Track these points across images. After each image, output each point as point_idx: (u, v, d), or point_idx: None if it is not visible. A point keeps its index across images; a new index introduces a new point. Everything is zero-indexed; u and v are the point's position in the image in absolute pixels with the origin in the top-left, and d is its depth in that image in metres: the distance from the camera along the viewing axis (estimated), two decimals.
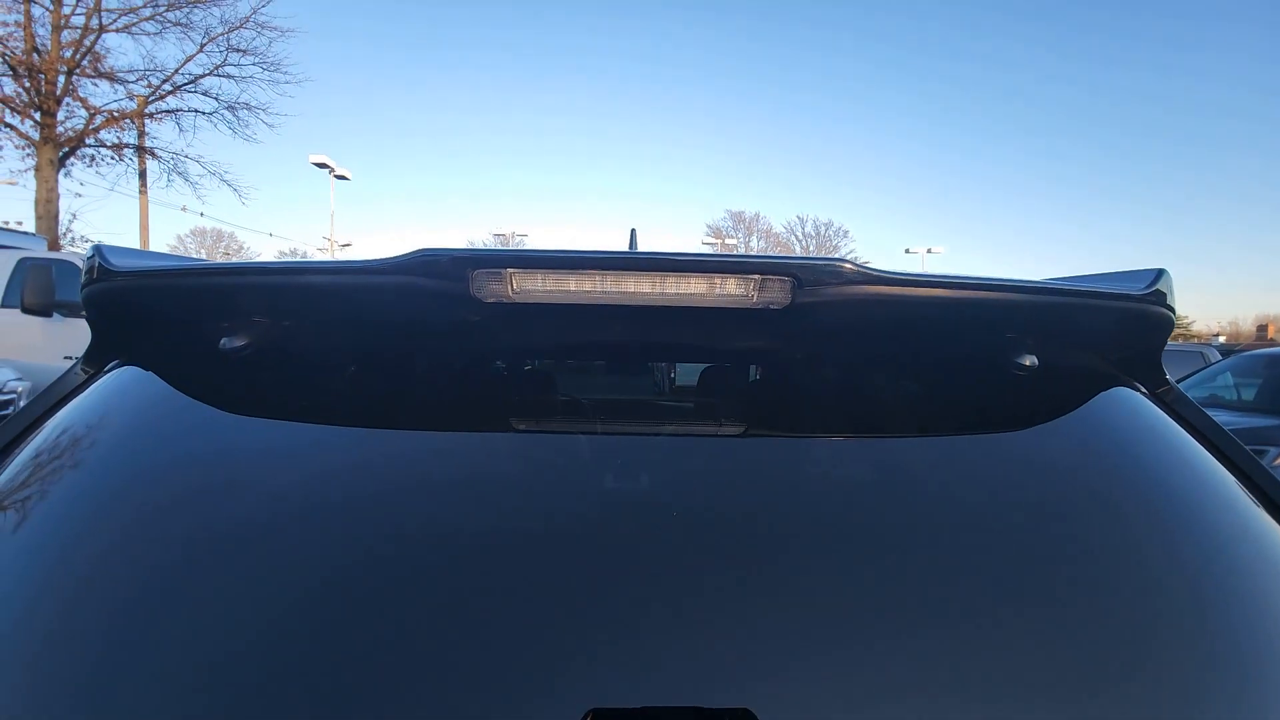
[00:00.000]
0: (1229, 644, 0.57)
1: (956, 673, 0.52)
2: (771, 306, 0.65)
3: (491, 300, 0.65)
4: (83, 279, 0.78)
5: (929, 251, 46.60)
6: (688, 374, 0.82)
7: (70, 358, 6.65)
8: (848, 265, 0.65)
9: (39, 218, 12.69)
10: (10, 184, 14.97)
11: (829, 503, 0.67)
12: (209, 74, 13.97)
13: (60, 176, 13.07)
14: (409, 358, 0.80)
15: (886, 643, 0.53)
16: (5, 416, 3.33)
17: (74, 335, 6.30)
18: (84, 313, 0.81)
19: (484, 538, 0.60)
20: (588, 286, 0.64)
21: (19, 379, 3.84)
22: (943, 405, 0.79)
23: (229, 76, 14.11)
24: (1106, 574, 0.61)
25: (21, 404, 3.96)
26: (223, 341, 0.75)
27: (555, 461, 0.70)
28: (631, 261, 0.64)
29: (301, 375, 0.78)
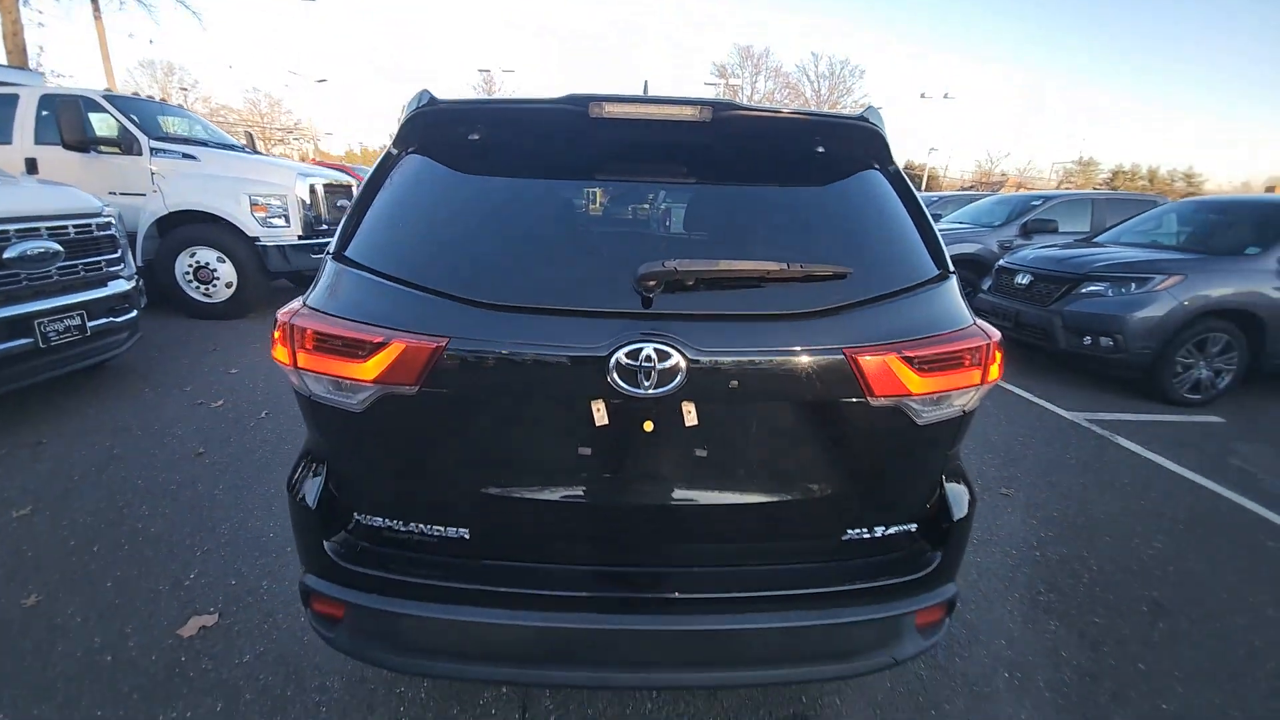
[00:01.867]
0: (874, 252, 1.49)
1: (767, 252, 1.42)
2: (704, 120, 1.48)
3: (594, 115, 1.47)
4: (413, 106, 1.56)
5: (945, 97, 44.26)
6: (673, 155, 1.56)
7: (114, 193, 6.77)
8: (730, 101, 1.50)
9: (9, 51, 12.25)
10: None
11: (732, 201, 1.58)
12: None
13: (20, 5, 12.39)
14: (558, 145, 1.59)
15: (743, 247, 1.47)
16: (111, 236, 3.96)
17: (111, 171, 6.35)
18: (400, 125, 1.56)
19: (580, 213, 1.57)
20: (631, 110, 1.47)
21: (106, 205, 4.50)
22: (786, 168, 1.61)
23: None
24: (844, 231, 1.52)
25: (116, 226, 4.51)
26: (469, 137, 1.58)
27: (613, 189, 1.63)
28: (649, 99, 1.48)
29: (506, 152, 1.58)
